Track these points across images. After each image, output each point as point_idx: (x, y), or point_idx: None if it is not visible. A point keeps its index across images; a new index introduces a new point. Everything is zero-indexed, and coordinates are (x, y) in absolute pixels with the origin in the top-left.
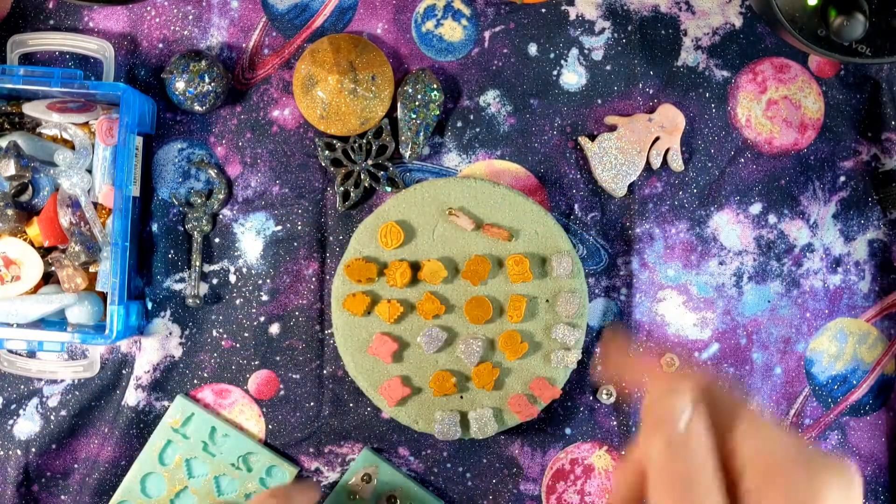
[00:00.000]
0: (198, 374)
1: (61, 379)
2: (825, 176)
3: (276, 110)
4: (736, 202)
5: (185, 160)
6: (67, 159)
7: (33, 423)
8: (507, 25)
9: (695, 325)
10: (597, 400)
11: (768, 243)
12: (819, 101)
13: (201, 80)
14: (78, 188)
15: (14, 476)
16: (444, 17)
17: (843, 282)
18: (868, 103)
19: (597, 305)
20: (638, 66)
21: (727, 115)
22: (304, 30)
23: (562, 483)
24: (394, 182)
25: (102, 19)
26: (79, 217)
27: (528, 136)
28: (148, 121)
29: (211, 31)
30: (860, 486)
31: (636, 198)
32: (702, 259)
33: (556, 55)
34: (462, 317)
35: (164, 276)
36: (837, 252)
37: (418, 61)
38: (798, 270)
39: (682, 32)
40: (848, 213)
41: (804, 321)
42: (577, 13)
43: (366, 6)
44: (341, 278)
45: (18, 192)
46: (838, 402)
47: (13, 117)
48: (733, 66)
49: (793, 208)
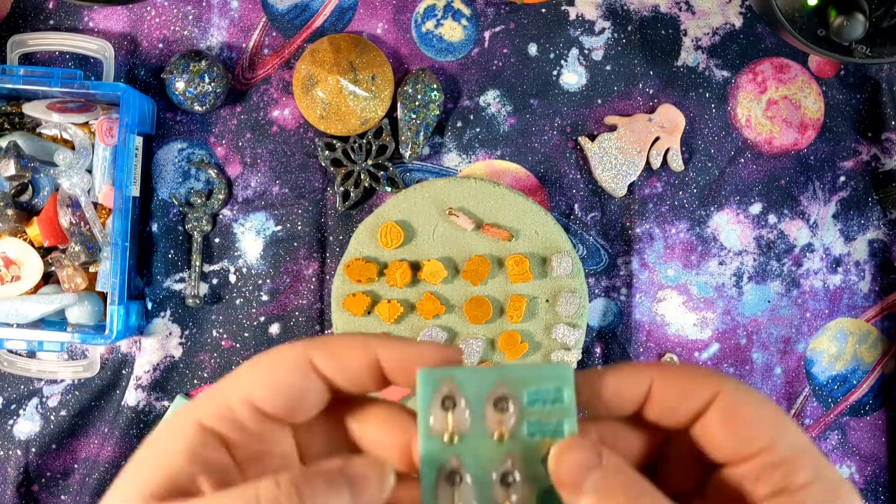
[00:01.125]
0: (198, 374)
1: (61, 379)
2: (825, 176)
3: (276, 110)
4: (736, 202)
5: (185, 160)
6: (67, 159)
7: (33, 423)
8: (507, 25)
9: (695, 325)
10: None
11: (768, 243)
12: (819, 101)
13: (201, 80)
14: (78, 188)
15: (14, 476)
16: (444, 17)
17: (843, 282)
18: (868, 103)
19: (597, 305)
20: (638, 66)
21: (727, 115)
22: (304, 30)
23: None
24: (394, 182)
25: (102, 19)
26: (79, 217)
27: (528, 136)
28: (148, 121)
29: (211, 31)
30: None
31: (636, 198)
32: (702, 259)
33: (556, 55)
34: (462, 317)
35: (164, 276)
36: (837, 252)
37: (418, 61)
38: (798, 270)
39: (682, 32)
40: (848, 213)
41: (804, 321)
42: (577, 13)
43: (366, 6)
44: (341, 278)
45: (18, 192)
46: (838, 402)
47: (13, 117)
48: (733, 67)
49: (793, 208)
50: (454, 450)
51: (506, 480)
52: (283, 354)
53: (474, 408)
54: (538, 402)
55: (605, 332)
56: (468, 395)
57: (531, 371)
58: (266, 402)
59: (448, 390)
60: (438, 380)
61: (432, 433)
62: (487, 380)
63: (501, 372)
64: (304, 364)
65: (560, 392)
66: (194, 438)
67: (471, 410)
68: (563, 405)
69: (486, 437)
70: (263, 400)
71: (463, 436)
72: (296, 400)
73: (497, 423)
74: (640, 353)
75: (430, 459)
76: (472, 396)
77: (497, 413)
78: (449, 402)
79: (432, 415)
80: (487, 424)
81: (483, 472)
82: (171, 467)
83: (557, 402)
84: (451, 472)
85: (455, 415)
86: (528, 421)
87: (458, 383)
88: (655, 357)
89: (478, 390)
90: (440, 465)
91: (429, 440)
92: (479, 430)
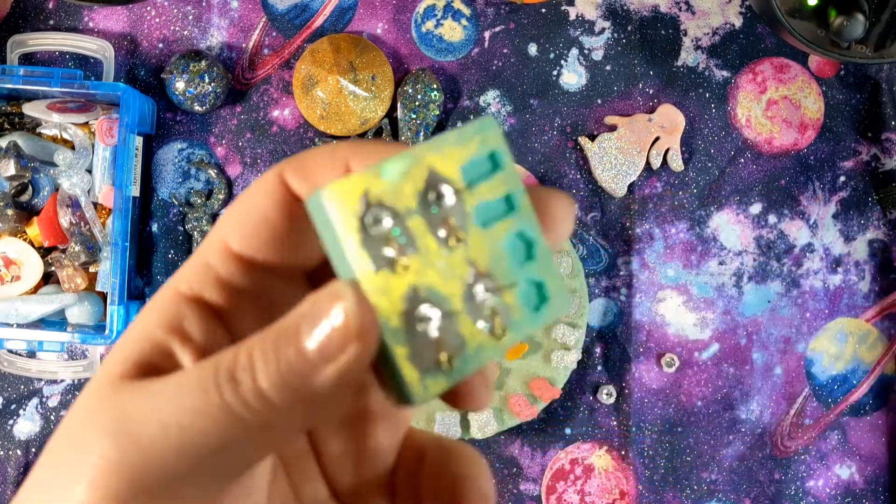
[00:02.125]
0: None
1: (61, 379)
2: (825, 176)
3: (276, 110)
4: (736, 202)
5: (185, 160)
6: (67, 159)
7: (33, 423)
8: (507, 25)
9: (695, 325)
10: (597, 400)
11: (768, 243)
12: (819, 101)
13: (201, 80)
14: (78, 188)
15: (14, 476)
16: (444, 17)
17: (843, 282)
18: (868, 103)
19: (597, 305)
20: (638, 66)
21: (727, 115)
22: (304, 30)
23: (562, 483)
24: None
25: (102, 19)
26: (79, 217)
27: (528, 136)
28: (148, 121)
29: (211, 31)
30: None
31: (636, 198)
32: (702, 259)
33: (556, 55)
34: None
35: (164, 276)
36: (837, 252)
37: (418, 61)
38: (798, 270)
39: (682, 32)
40: (848, 213)
41: (804, 321)
42: (577, 13)
43: (366, 6)
44: None
45: (18, 192)
46: (838, 402)
47: (13, 117)
48: (733, 67)
49: (793, 208)
50: (404, 283)
51: (474, 296)
52: (258, 180)
53: (406, 214)
54: (476, 178)
55: (605, 332)
56: (395, 203)
57: (453, 138)
58: (240, 242)
59: (368, 206)
60: (349, 196)
61: (369, 272)
62: (411, 171)
63: (421, 153)
64: (276, 188)
65: (495, 155)
66: (170, 309)
67: (404, 221)
68: (503, 171)
69: (435, 250)
70: (237, 241)
71: (408, 260)
72: (272, 232)
73: (441, 224)
74: (640, 353)
75: (390, 305)
76: (399, 201)
77: (436, 212)
78: (375, 221)
79: (364, 248)
80: (431, 232)
81: (448, 297)
82: (143, 344)
83: (497, 168)
84: (413, 316)
85: (390, 235)
86: (475, 209)
87: (378, 190)
88: (655, 357)
89: (404, 191)
90: (398, 311)
91: (374, 282)
92: (424, 244)
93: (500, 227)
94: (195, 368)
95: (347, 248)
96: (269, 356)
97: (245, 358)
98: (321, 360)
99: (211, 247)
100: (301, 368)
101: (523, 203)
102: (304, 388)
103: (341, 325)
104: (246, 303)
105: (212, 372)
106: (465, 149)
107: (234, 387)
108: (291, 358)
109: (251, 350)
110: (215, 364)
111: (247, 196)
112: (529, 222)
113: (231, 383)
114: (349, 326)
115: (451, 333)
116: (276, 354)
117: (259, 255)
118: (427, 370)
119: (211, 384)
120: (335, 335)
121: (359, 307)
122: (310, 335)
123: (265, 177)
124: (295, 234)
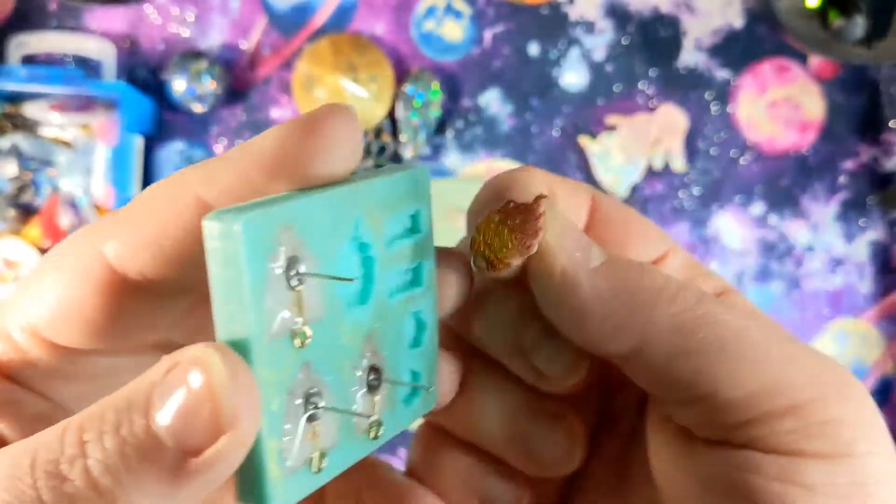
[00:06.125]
0: None
1: None
2: (826, 177)
3: (276, 110)
4: (737, 203)
5: (185, 160)
6: (67, 159)
7: None
8: (507, 25)
9: None
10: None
11: (770, 244)
12: (819, 101)
13: (201, 81)
14: (78, 188)
15: None
16: (444, 17)
17: (843, 282)
18: (868, 104)
19: None
20: (638, 66)
21: (728, 115)
22: (304, 30)
23: None
24: None
25: (102, 19)
26: (79, 217)
27: (529, 136)
28: (148, 121)
29: (211, 31)
30: None
31: (637, 198)
32: (703, 259)
33: (557, 55)
34: None
35: None
36: (838, 252)
37: (418, 61)
38: (799, 271)
39: (682, 33)
40: (848, 213)
41: (805, 321)
42: (577, 13)
43: (366, 6)
44: None
45: (18, 192)
46: None
47: (13, 118)
48: (734, 67)
49: (793, 209)
50: (305, 355)
51: (362, 385)
52: (71, 256)
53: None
54: (393, 238)
55: None
56: (316, 250)
57: (384, 186)
58: (49, 331)
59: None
60: (268, 234)
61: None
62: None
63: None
64: (95, 267)
65: (418, 216)
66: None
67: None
68: (421, 236)
69: (339, 320)
70: (44, 328)
71: (310, 330)
72: (92, 325)
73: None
74: None
75: (275, 384)
76: (321, 249)
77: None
78: (293, 270)
79: (268, 303)
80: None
81: (336, 383)
82: None
83: (415, 232)
84: (297, 403)
85: (305, 291)
86: (386, 276)
87: (301, 230)
88: None
89: (328, 236)
90: (283, 392)
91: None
92: (332, 309)
93: (402, 302)
94: (4, 456)
95: (249, 299)
96: (109, 441)
97: (73, 443)
98: (181, 454)
99: (13, 321)
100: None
101: (430, 278)
102: (157, 487)
103: (210, 405)
104: (68, 377)
105: (28, 464)
106: (393, 202)
107: (58, 484)
108: (140, 443)
109: (81, 432)
110: (32, 453)
111: (55, 278)
112: (429, 302)
113: (54, 481)
114: (221, 408)
115: (329, 427)
116: (118, 440)
117: (76, 344)
118: (294, 470)
119: (27, 484)
120: (200, 420)
121: (241, 381)
122: (167, 415)
123: (80, 252)
124: (127, 319)
